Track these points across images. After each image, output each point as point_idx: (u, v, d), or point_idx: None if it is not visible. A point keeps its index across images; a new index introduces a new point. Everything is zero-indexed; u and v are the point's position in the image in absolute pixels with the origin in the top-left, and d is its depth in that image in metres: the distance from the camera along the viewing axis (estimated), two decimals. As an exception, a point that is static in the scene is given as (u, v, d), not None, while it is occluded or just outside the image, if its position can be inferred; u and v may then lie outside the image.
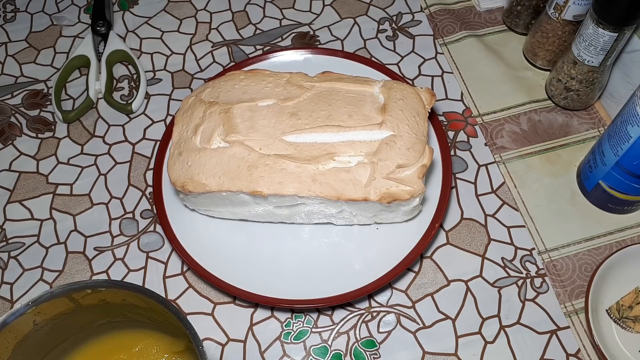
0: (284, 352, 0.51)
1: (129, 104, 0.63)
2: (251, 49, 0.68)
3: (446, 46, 0.67)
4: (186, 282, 0.54)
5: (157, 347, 0.43)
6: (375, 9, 0.70)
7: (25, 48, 0.69)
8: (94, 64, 0.65)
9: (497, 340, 0.51)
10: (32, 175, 0.60)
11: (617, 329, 0.50)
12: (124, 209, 0.58)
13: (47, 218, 0.58)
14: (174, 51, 0.68)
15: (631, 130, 0.47)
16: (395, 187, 0.47)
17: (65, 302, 0.37)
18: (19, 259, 0.56)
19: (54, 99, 0.62)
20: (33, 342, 0.38)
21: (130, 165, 0.60)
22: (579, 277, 0.53)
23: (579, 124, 0.61)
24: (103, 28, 0.67)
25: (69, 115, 0.62)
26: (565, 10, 0.57)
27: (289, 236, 0.54)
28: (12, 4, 0.73)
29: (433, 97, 0.51)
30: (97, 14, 0.68)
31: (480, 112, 0.62)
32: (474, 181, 0.58)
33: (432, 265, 0.54)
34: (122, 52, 0.66)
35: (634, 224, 0.55)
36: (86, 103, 0.63)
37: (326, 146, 0.48)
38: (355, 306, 0.52)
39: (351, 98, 0.50)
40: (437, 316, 0.52)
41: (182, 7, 0.71)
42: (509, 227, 0.56)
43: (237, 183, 0.47)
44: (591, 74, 0.56)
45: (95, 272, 0.55)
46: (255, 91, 0.51)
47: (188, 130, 0.50)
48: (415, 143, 0.48)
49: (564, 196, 0.57)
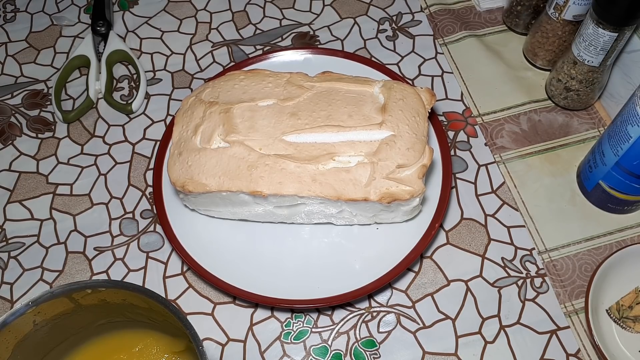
0: (284, 352, 0.51)
1: (129, 104, 0.63)
2: (251, 49, 0.68)
3: (446, 46, 0.67)
4: (186, 282, 0.54)
5: (157, 347, 0.43)
6: (375, 9, 0.70)
7: (25, 48, 0.69)
8: (94, 64, 0.65)
9: (497, 340, 0.51)
10: (32, 175, 0.60)
11: (617, 329, 0.50)
12: (124, 209, 0.58)
13: (47, 218, 0.58)
14: (174, 51, 0.68)
15: (631, 130, 0.47)
16: (395, 187, 0.47)
17: (65, 302, 0.37)
18: (19, 259, 0.56)
19: (53, 99, 0.62)
20: (33, 342, 0.38)
21: (130, 165, 0.60)
22: (579, 277, 0.53)
23: (579, 124, 0.61)
24: (103, 28, 0.67)
25: (69, 116, 0.62)
26: (565, 10, 0.57)
27: (289, 236, 0.54)
28: (12, 4, 0.73)
29: (433, 97, 0.51)
30: (97, 14, 0.68)
31: (480, 112, 0.62)
32: (474, 181, 0.58)
33: (432, 265, 0.54)
34: (122, 52, 0.66)
35: (634, 224, 0.55)
36: (86, 103, 0.63)
37: (326, 146, 0.48)
38: (355, 306, 0.52)
39: (351, 98, 0.50)
40: (437, 316, 0.52)
41: (182, 7, 0.71)
42: (509, 227, 0.56)
43: (237, 183, 0.47)
44: (591, 74, 0.56)
45: (95, 272, 0.55)
46: (255, 91, 0.51)
47: (188, 130, 0.50)
48: (415, 143, 0.48)
49: (564, 196, 0.57)
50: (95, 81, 0.64)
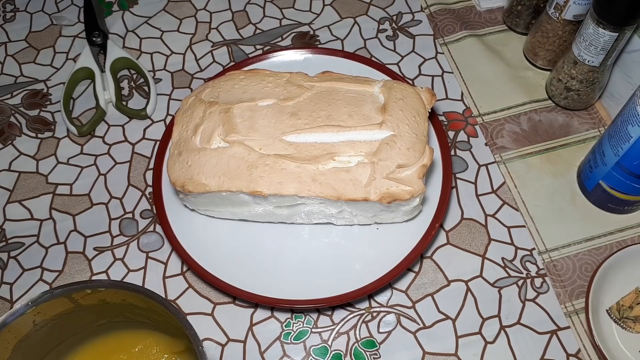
0: (284, 353, 0.51)
1: (143, 109, 0.62)
2: (251, 49, 0.68)
3: (446, 46, 0.67)
4: (186, 282, 0.54)
5: (157, 347, 0.43)
6: (376, 8, 0.70)
7: (25, 48, 0.69)
8: (98, 75, 0.64)
9: (498, 340, 0.51)
10: (32, 175, 0.60)
11: (618, 329, 0.50)
12: (124, 209, 0.58)
13: (47, 218, 0.58)
14: (173, 51, 0.68)
15: (631, 130, 0.47)
16: (395, 187, 0.47)
17: (65, 302, 0.37)
18: (19, 259, 0.56)
19: (64, 114, 0.62)
20: (33, 342, 0.38)
21: (130, 165, 0.60)
22: (579, 277, 0.53)
23: (580, 124, 0.61)
24: (99, 39, 0.66)
25: (82, 129, 0.61)
26: (565, 10, 0.57)
27: (289, 236, 0.54)
28: (12, 4, 0.73)
29: (433, 97, 0.51)
30: (90, 26, 0.67)
31: (480, 112, 0.62)
32: (474, 181, 0.58)
33: (432, 265, 0.54)
34: (125, 59, 0.65)
35: (634, 224, 0.55)
36: (98, 114, 0.62)
37: (326, 146, 0.48)
38: (355, 306, 0.52)
39: (351, 98, 0.50)
40: (437, 316, 0.52)
41: (182, 7, 0.71)
42: (509, 227, 0.56)
43: (237, 183, 0.47)
44: (591, 73, 0.56)
45: (95, 272, 0.55)
46: (255, 91, 0.51)
47: (188, 130, 0.50)
48: (416, 143, 0.48)
49: (564, 196, 0.57)
50: (103, 91, 0.64)
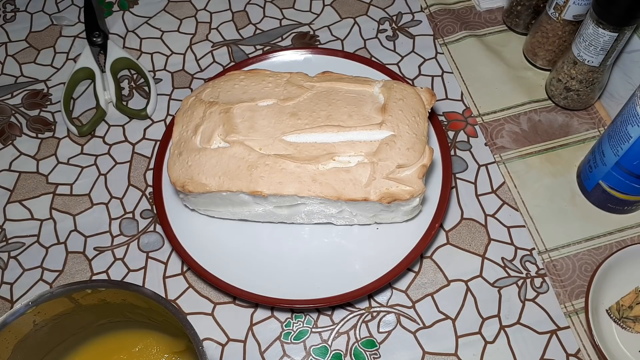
0: (284, 352, 0.51)
1: (143, 109, 0.62)
2: (251, 49, 0.68)
3: (446, 46, 0.67)
4: (186, 282, 0.54)
5: (157, 347, 0.43)
6: (375, 9, 0.70)
7: (25, 48, 0.69)
8: (98, 75, 0.64)
9: (497, 340, 0.51)
10: (32, 175, 0.60)
11: (617, 329, 0.50)
12: (124, 209, 0.58)
13: (47, 218, 0.58)
14: (174, 51, 0.68)
15: (631, 130, 0.47)
16: (395, 187, 0.47)
17: (65, 302, 0.37)
18: (19, 259, 0.56)
19: (64, 114, 0.62)
20: (33, 342, 0.38)
21: (130, 165, 0.60)
22: (579, 277, 0.53)
23: (579, 124, 0.61)
24: (99, 39, 0.66)
25: (82, 129, 0.61)
26: (565, 10, 0.57)
27: (289, 236, 0.54)
28: (12, 4, 0.73)
29: (433, 97, 0.51)
30: (90, 26, 0.67)
31: (480, 112, 0.62)
32: (474, 181, 0.58)
33: (432, 265, 0.54)
34: (125, 59, 0.65)
35: (634, 224, 0.55)
36: (99, 114, 0.62)
37: (326, 146, 0.48)
38: (355, 306, 0.52)
39: (351, 98, 0.50)
40: (437, 316, 0.52)
41: (182, 7, 0.71)
42: (509, 227, 0.56)
43: (237, 183, 0.47)
44: (591, 74, 0.56)
45: (95, 272, 0.55)
46: (255, 91, 0.51)
47: (188, 130, 0.50)
48: (415, 143, 0.48)
49: (564, 196, 0.57)
50: (104, 91, 0.64)
